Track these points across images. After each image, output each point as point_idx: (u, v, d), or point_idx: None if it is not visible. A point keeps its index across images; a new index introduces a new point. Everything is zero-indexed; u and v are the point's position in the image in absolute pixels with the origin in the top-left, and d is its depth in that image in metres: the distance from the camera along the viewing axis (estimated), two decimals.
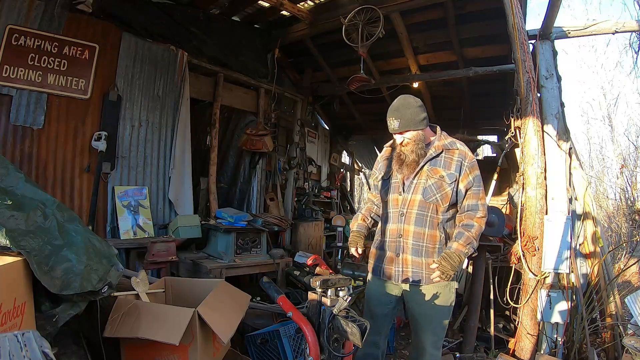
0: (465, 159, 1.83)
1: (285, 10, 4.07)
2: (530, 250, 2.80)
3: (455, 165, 1.82)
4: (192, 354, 1.37)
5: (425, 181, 1.82)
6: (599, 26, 3.17)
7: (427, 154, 1.84)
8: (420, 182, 1.83)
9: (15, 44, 2.82)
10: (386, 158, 2.03)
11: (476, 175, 1.84)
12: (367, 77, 4.27)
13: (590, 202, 2.99)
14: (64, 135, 3.09)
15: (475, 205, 1.82)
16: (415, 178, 1.84)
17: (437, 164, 1.83)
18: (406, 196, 1.85)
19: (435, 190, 1.80)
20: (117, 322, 1.40)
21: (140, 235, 3.34)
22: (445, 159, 1.84)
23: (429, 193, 1.81)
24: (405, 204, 1.84)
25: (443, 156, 1.84)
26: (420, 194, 1.81)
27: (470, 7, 3.77)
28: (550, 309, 2.73)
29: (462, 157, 1.83)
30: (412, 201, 1.83)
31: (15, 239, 1.22)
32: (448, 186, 1.79)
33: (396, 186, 1.90)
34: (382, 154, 2.09)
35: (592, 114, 8.37)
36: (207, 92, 4.31)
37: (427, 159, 1.83)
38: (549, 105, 3.04)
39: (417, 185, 1.83)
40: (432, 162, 1.84)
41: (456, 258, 1.71)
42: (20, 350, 0.79)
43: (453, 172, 1.81)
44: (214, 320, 1.39)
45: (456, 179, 1.80)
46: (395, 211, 1.87)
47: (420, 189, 1.82)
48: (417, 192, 1.82)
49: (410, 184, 1.85)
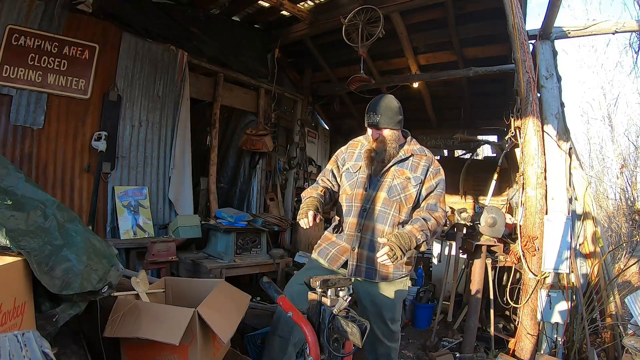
0: (431, 165, 1.90)
1: (285, 10, 4.07)
2: (530, 250, 2.80)
3: (422, 169, 1.88)
4: (192, 354, 1.37)
5: (392, 180, 1.86)
6: (599, 26, 3.17)
7: (397, 155, 1.88)
8: (387, 180, 1.86)
9: (16, 44, 2.82)
10: (353, 152, 2.02)
11: (440, 180, 1.90)
12: (367, 77, 4.27)
13: (590, 202, 2.99)
14: (64, 135, 3.09)
15: (434, 205, 1.85)
16: (382, 176, 1.87)
17: (405, 166, 1.88)
18: (371, 192, 1.86)
19: (400, 190, 1.84)
20: (117, 322, 1.40)
21: (140, 235, 3.34)
22: (413, 163, 1.89)
23: (393, 192, 1.84)
24: (369, 200, 1.85)
25: (411, 160, 1.89)
26: (386, 191, 1.84)
27: (470, 7, 3.77)
28: (550, 309, 2.73)
29: (428, 162, 1.90)
30: (376, 198, 1.85)
31: (15, 239, 1.22)
32: (413, 188, 1.84)
33: (362, 181, 1.89)
34: (348, 147, 2.05)
35: (592, 114, 8.35)
36: (207, 92, 4.31)
37: (397, 160, 1.87)
38: (549, 105, 3.04)
39: (383, 183, 1.86)
40: (400, 164, 1.88)
41: (407, 239, 1.66)
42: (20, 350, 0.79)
43: (419, 175, 1.86)
44: (214, 320, 1.39)
45: (421, 182, 1.86)
46: (358, 206, 1.87)
47: (385, 187, 1.85)
48: (383, 189, 1.85)
49: (377, 181, 1.87)
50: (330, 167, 2.05)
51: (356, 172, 1.93)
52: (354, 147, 2.04)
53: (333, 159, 2.07)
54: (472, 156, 5.63)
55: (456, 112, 5.49)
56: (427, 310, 3.73)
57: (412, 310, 3.81)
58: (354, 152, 2.01)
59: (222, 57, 4.28)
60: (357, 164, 1.95)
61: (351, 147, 2.05)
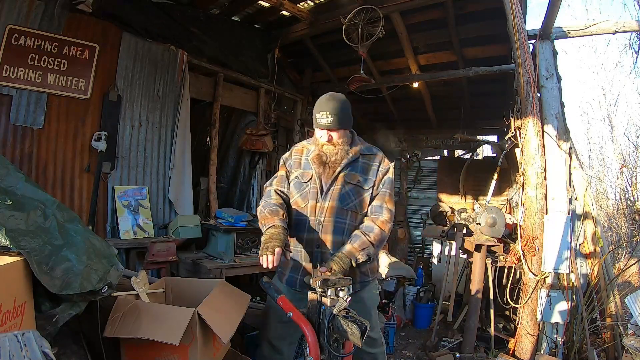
0: (381, 164, 1.78)
1: (285, 10, 4.07)
2: (530, 250, 2.80)
3: (373, 170, 1.77)
4: (192, 354, 1.37)
5: (343, 187, 1.73)
6: (599, 26, 3.17)
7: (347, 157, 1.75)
8: (337, 187, 1.73)
9: (15, 44, 2.82)
10: (298, 158, 1.84)
11: (387, 178, 1.78)
12: (367, 77, 4.27)
13: (590, 202, 2.99)
14: (64, 135, 3.09)
15: (378, 208, 1.74)
16: (332, 183, 1.73)
17: (355, 169, 1.76)
18: (323, 203, 1.72)
19: (352, 196, 1.73)
20: (117, 322, 1.40)
21: (140, 235, 3.34)
22: (362, 164, 1.77)
23: (346, 200, 1.72)
24: (322, 211, 1.72)
25: (360, 161, 1.77)
26: (338, 200, 1.71)
27: (470, 7, 3.77)
28: (550, 309, 2.73)
29: (378, 162, 1.79)
30: (329, 209, 1.71)
31: (15, 239, 1.22)
32: (365, 192, 1.74)
33: (314, 192, 1.74)
34: (292, 154, 1.87)
35: (592, 114, 8.36)
36: (207, 92, 4.31)
37: (346, 162, 1.74)
38: (549, 105, 3.04)
39: (334, 192, 1.72)
40: (350, 167, 1.75)
41: (347, 262, 1.57)
42: (20, 350, 0.79)
43: (370, 177, 1.76)
44: (214, 320, 1.39)
45: (373, 184, 1.75)
46: (312, 219, 1.73)
47: (337, 195, 1.72)
48: (334, 198, 1.72)
49: (328, 190, 1.73)
50: (282, 172, 1.86)
51: (307, 182, 1.77)
52: (299, 153, 1.86)
53: (281, 164, 1.89)
54: (472, 156, 5.63)
55: (456, 112, 5.49)
56: (427, 310, 3.73)
57: (412, 310, 3.81)
58: (299, 159, 1.83)
59: (222, 57, 4.28)
60: (306, 172, 1.78)
61: (295, 153, 1.87)
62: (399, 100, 5.72)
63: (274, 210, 1.70)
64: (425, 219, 5.36)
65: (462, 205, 4.62)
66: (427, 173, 5.81)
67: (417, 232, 5.75)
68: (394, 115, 6.14)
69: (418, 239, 5.74)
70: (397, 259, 3.83)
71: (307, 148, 1.85)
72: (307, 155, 1.81)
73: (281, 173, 1.86)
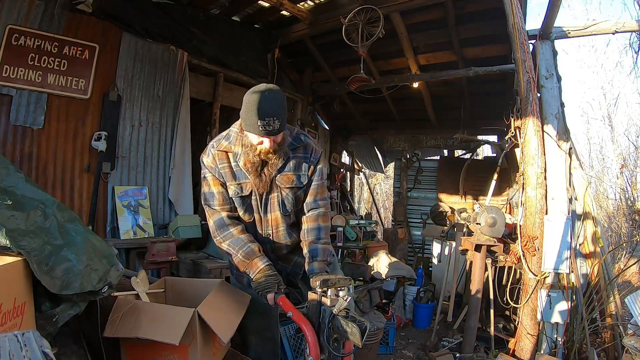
0: (312, 155, 1.62)
1: (285, 10, 4.07)
2: (530, 250, 2.80)
3: (304, 164, 1.60)
4: (192, 354, 1.37)
5: (279, 193, 1.58)
6: (599, 26, 3.17)
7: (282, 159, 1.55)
8: (274, 195, 1.58)
9: (15, 44, 2.82)
10: (226, 166, 1.56)
11: (319, 168, 1.64)
12: (367, 77, 4.27)
13: (590, 202, 2.99)
14: (64, 135, 3.09)
15: (313, 203, 1.64)
16: (270, 192, 1.58)
17: (287, 168, 1.57)
18: (267, 216, 1.61)
19: (291, 199, 1.60)
20: (117, 322, 1.40)
21: (140, 235, 3.34)
22: (293, 159, 1.57)
23: (286, 206, 1.60)
24: (268, 224, 1.63)
25: (291, 156, 1.57)
26: (279, 210, 1.60)
27: (470, 7, 3.77)
28: (550, 309, 2.73)
29: (309, 153, 1.62)
30: (274, 220, 1.62)
31: (15, 239, 1.22)
32: (301, 190, 1.61)
33: (256, 205, 1.60)
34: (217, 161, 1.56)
35: (592, 114, 8.37)
36: (207, 92, 4.31)
37: (280, 166, 1.55)
38: (549, 105, 3.04)
39: (273, 200, 1.59)
40: (282, 169, 1.56)
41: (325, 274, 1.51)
42: (20, 350, 0.79)
43: (303, 172, 1.60)
44: (214, 320, 1.39)
45: (307, 178, 1.61)
46: (261, 232, 1.64)
47: (276, 204, 1.60)
48: (275, 208, 1.60)
49: (267, 201, 1.59)
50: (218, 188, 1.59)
51: (249, 195, 1.58)
52: (224, 160, 1.56)
53: (211, 176, 1.58)
54: (472, 156, 5.63)
55: (456, 112, 5.49)
56: (427, 310, 3.73)
57: (412, 310, 3.81)
58: (229, 168, 1.56)
59: (222, 57, 4.29)
60: (244, 183, 1.56)
61: (221, 160, 1.56)
62: (399, 100, 5.72)
63: (248, 252, 1.53)
64: (425, 219, 5.36)
65: (462, 205, 4.62)
66: (427, 173, 5.81)
67: (417, 232, 5.75)
68: (394, 115, 6.14)
69: (418, 239, 5.74)
70: (397, 259, 3.83)
71: (232, 152, 1.56)
72: (236, 161, 1.55)
73: (218, 189, 1.58)
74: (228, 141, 1.57)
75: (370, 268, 3.40)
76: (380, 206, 10.70)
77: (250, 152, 1.50)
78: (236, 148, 1.55)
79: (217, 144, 1.58)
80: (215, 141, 1.61)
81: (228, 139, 1.57)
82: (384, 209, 10.85)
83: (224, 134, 1.62)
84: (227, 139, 1.58)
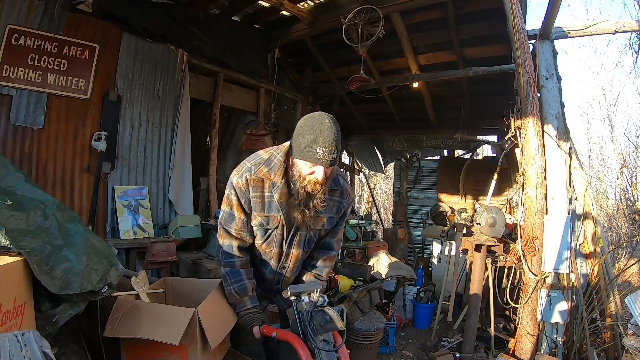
0: (345, 200, 1.57)
1: (285, 10, 4.07)
2: (530, 250, 2.80)
3: (337, 208, 1.56)
4: (192, 354, 1.37)
5: (307, 232, 1.53)
6: (599, 26, 3.17)
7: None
8: (302, 233, 1.53)
9: (15, 44, 2.82)
10: (259, 195, 1.45)
11: (347, 213, 1.62)
12: (367, 77, 4.27)
13: (590, 202, 2.99)
14: (64, 135, 3.09)
15: (330, 244, 1.66)
16: (298, 229, 1.52)
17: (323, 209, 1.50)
18: (288, 250, 1.55)
19: (314, 240, 1.59)
20: (117, 322, 1.40)
21: (140, 235, 3.34)
22: (329, 201, 1.51)
23: (309, 245, 1.58)
24: (287, 258, 1.58)
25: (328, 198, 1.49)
26: (302, 247, 1.56)
27: (470, 7, 3.77)
28: (550, 309, 2.73)
29: (344, 197, 1.57)
30: (294, 256, 1.57)
31: (15, 239, 1.22)
32: (325, 231, 1.60)
33: (279, 239, 1.52)
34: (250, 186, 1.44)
35: (592, 114, 8.38)
36: (207, 92, 4.31)
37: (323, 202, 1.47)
38: (549, 105, 3.04)
39: (299, 238, 1.54)
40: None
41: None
42: (20, 350, 0.79)
43: (333, 215, 1.57)
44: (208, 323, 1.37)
45: (334, 223, 1.59)
46: (275, 265, 1.59)
47: (301, 241, 1.55)
48: (299, 245, 1.55)
49: (293, 236, 1.53)
50: (241, 215, 1.49)
51: (275, 229, 1.50)
52: (259, 188, 1.44)
53: (236, 200, 1.47)
54: (472, 156, 5.63)
55: (456, 112, 5.49)
56: (427, 310, 3.73)
57: (412, 310, 3.81)
58: (259, 197, 1.45)
59: (222, 57, 4.29)
60: (272, 216, 1.46)
61: (255, 188, 1.44)
62: (399, 100, 5.72)
63: (241, 289, 1.52)
64: (425, 219, 5.37)
65: (462, 205, 4.62)
66: (427, 173, 5.82)
67: (417, 232, 5.75)
68: (394, 115, 6.14)
69: (418, 239, 5.74)
70: (397, 259, 3.84)
71: (270, 180, 1.43)
72: (272, 191, 1.43)
73: (240, 215, 1.49)
74: (268, 168, 1.43)
75: (370, 268, 3.40)
76: (380, 206, 10.70)
77: (297, 182, 1.38)
78: (276, 177, 1.42)
79: (255, 169, 1.43)
80: (253, 164, 1.44)
81: (269, 166, 1.43)
82: (384, 209, 10.86)
83: (264, 157, 1.46)
84: (267, 164, 1.44)
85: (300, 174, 1.37)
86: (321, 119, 1.33)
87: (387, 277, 3.51)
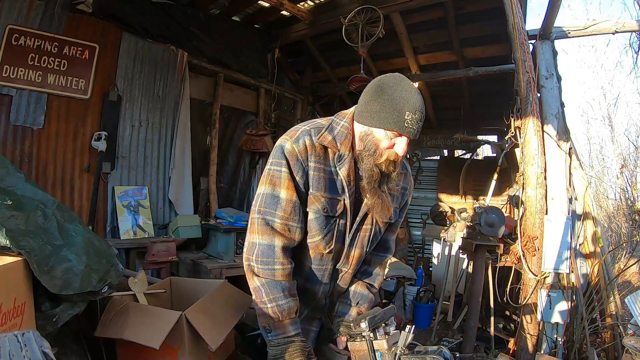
0: (409, 185, 1.29)
1: (285, 11, 4.07)
2: (530, 250, 2.80)
3: (402, 194, 1.26)
4: (182, 358, 1.34)
5: (373, 226, 1.19)
6: (599, 26, 3.17)
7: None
8: (366, 227, 1.18)
9: (15, 44, 2.82)
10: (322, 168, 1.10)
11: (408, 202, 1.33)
12: (367, 77, 4.26)
13: (590, 202, 2.99)
14: (64, 135, 3.09)
15: (388, 243, 1.33)
16: (362, 222, 1.17)
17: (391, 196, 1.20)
18: (349, 251, 1.20)
19: (379, 237, 1.24)
20: (107, 323, 1.39)
21: (140, 235, 3.34)
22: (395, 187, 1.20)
23: (372, 244, 1.23)
24: (348, 260, 1.21)
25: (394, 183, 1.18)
26: (365, 246, 1.21)
27: (470, 7, 3.77)
28: (550, 309, 2.73)
29: (408, 183, 1.28)
30: (354, 258, 1.21)
31: (15, 239, 1.22)
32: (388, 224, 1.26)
33: (343, 231, 1.16)
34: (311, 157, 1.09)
35: (592, 114, 8.38)
36: (207, 92, 4.31)
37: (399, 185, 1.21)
38: (549, 105, 3.04)
39: (364, 233, 1.19)
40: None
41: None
42: (20, 350, 0.79)
43: (397, 204, 1.25)
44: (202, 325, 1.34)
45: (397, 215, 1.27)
46: (330, 269, 1.22)
47: (366, 238, 1.20)
48: (361, 244, 1.20)
49: (357, 231, 1.18)
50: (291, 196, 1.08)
51: (338, 218, 1.14)
52: (321, 158, 1.10)
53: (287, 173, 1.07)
54: (472, 156, 5.63)
55: (456, 112, 5.49)
56: (427, 310, 3.73)
57: (412, 310, 3.81)
58: (323, 171, 1.10)
59: (222, 57, 4.29)
60: (337, 199, 1.12)
61: (317, 157, 1.09)
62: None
63: (284, 308, 1.09)
64: (425, 219, 5.37)
65: (462, 205, 4.62)
66: (427, 173, 5.81)
67: (417, 232, 5.75)
68: None
69: (418, 239, 5.74)
70: (397, 259, 3.84)
71: (338, 151, 1.10)
72: (337, 166, 1.10)
73: (290, 195, 1.08)
74: (332, 135, 1.10)
75: None
76: None
77: (368, 158, 1.07)
78: (343, 148, 1.10)
79: (317, 133, 1.09)
80: (313, 127, 1.11)
81: (332, 132, 1.11)
82: None
83: (322, 123, 1.14)
84: (330, 131, 1.11)
85: (377, 147, 1.06)
86: (404, 79, 1.06)
87: (387, 277, 3.51)
